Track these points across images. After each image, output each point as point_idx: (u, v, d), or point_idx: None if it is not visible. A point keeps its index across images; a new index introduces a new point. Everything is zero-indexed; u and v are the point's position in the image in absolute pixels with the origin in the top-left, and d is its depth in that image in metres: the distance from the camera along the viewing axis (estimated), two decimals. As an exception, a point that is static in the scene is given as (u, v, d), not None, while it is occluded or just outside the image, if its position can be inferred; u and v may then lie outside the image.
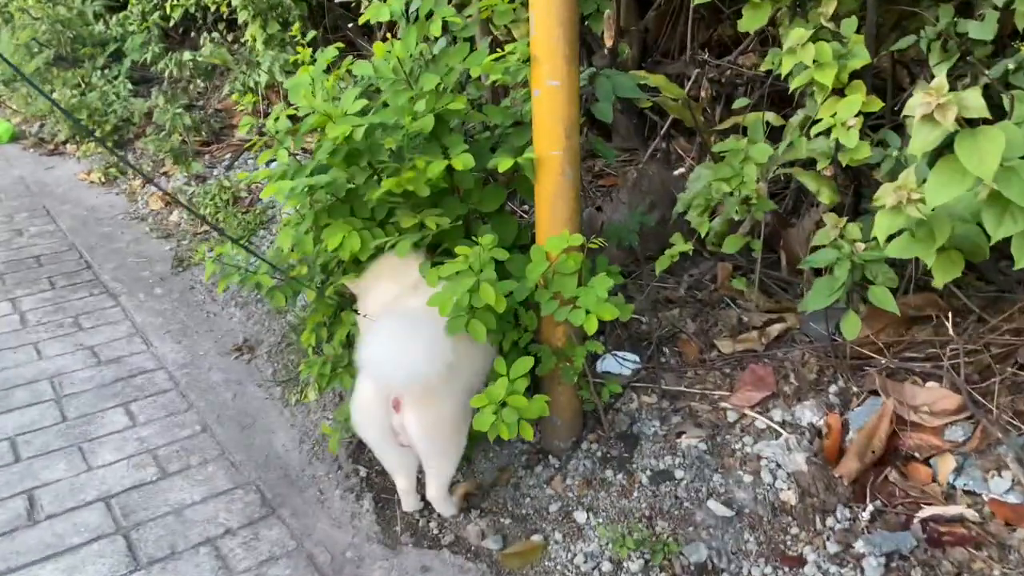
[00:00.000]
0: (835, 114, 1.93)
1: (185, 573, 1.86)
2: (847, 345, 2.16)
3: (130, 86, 5.19)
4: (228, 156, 4.42)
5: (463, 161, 1.85)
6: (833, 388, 2.13)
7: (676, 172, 3.02)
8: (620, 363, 2.26)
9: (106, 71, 5.50)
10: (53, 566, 1.88)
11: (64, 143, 5.15)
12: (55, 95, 5.23)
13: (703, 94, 2.81)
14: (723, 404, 2.14)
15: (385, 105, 1.98)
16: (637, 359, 2.29)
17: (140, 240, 3.80)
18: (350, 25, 4.46)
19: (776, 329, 2.33)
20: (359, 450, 2.23)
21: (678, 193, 2.84)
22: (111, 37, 5.77)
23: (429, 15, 1.99)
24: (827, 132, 1.94)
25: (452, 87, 1.97)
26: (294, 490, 2.13)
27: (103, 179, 4.58)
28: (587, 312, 1.81)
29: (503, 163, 1.87)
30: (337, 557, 1.90)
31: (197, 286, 3.29)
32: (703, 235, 2.23)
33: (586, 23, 2.61)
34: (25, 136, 5.41)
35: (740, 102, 2.25)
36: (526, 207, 2.92)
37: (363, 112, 1.92)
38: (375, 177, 1.98)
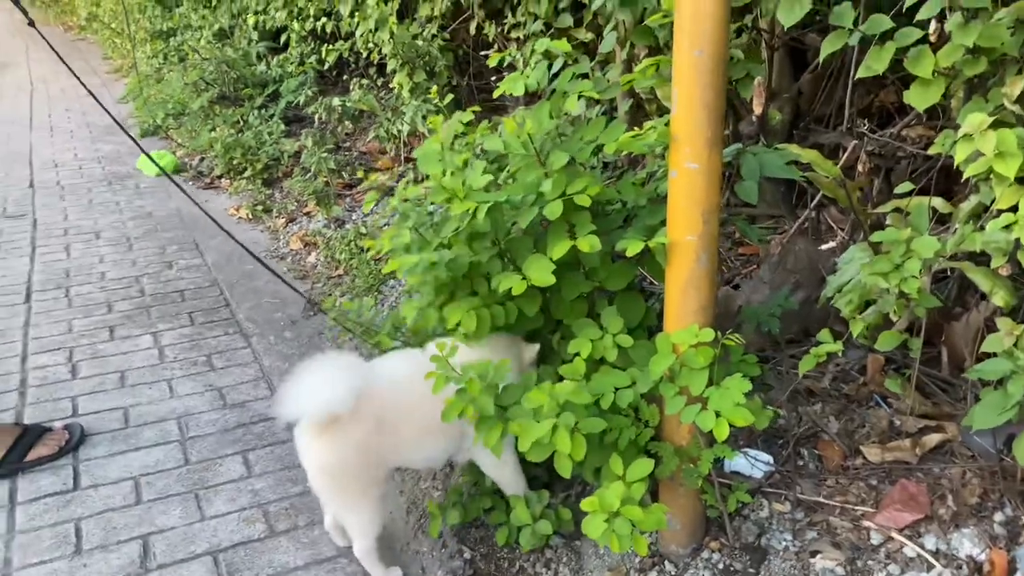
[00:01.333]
0: (1017, 207, 1.70)
1: (280, 647, 1.82)
2: (1019, 468, 1.89)
3: (283, 126, 5.43)
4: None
5: (589, 243, 1.75)
6: (999, 516, 1.87)
7: (826, 246, 2.80)
8: (751, 463, 2.07)
9: (263, 111, 5.79)
10: (156, 622, 1.89)
11: (219, 177, 5.43)
12: (215, 132, 5.54)
13: (860, 167, 2.59)
14: (867, 523, 1.91)
15: (514, 178, 1.91)
16: (770, 460, 2.09)
17: (276, 281, 3.90)
18: (493, 78, 4.48)
19: (933, 439, 2.07)
20: (464, 530, 2.14)
21: (826, 272, 2.62)
22: (270, 78, 6.08)
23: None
24: (1007, 226, 1.71)
25: (586, 162, 1.87)
26: (397, 565, 2.05)
27: (250, 215, 4.78)
28: (717, 415, 1.65)
29: (632, 246, 1.74)
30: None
31: (325, 332, 3.33)
32: (855, 333, 2.02)
33: (733, 85, 2.47)
34: (186, 169, 5.75)
35: (903, 187, 2.03)
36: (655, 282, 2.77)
37: (490, 186, 1.86)
38: (499, 255, 1.90)
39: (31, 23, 2.51)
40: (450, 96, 2.66)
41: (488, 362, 1.79)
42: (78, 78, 2.56)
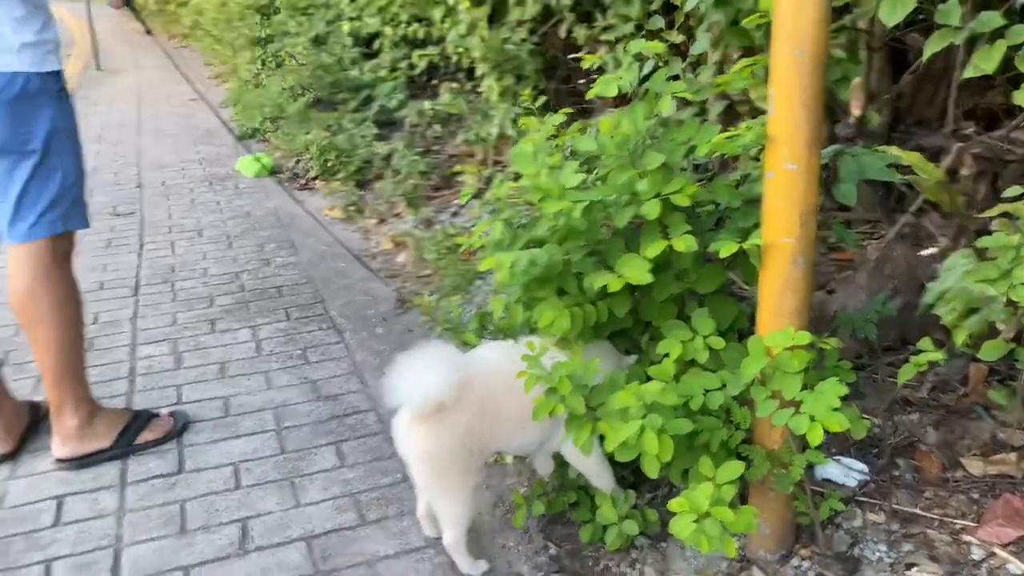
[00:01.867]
0: None
1: (371, 631, 1.88)
2: None
3: (375, 130, 5.58)
4: (456, 203, 4.59)
5: (685, 243, 1.75)
6: (1112, 536, 1.78)
7: (926, 252, 2.71)
8: (845, 472, 2.03)
9: (356, 114, 5.95)
10: (255, 601, 1.98)
11: (314, 179, 5.61)
12: (311, 135, 5.73)
13: (965, 171, 2.50)
14: (967, 537, 1.84)
15: (604, 180, 1.93)
16: (865, 469, 2.04)
17: (369, 279, 4.02)
18: (581, 81, 4.49)
19: (1041, 454, 1.99)
20: (550, 526, 2.16)
21: (925, 279, 2.55)
22: (364, 83, 6.25)
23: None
24: None
25: (677, 164, 1.87)
26: (484, 558, 2.09)
27: (343, 216, 4.92)
28: (811, 419, 1.63)
29: (726, 248, 1.74)
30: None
31: (415, 330, 3.41)
32: (958, 342, 1.95)
33: (830, 87, 2.42)
34: (283, 171, 5.96)
35: (1013, 191, 1.96)
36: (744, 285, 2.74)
37: (582, 186, 1.88)
38: (590, 255, 1.92)
39: (148, 31, 2.65)
40: (542, 99, 2.68)
41: (579, 361, 1.81)
42: (195, 89, 2.69)
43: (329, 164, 5.31)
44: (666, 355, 1.85)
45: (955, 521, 1.89)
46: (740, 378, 1.80)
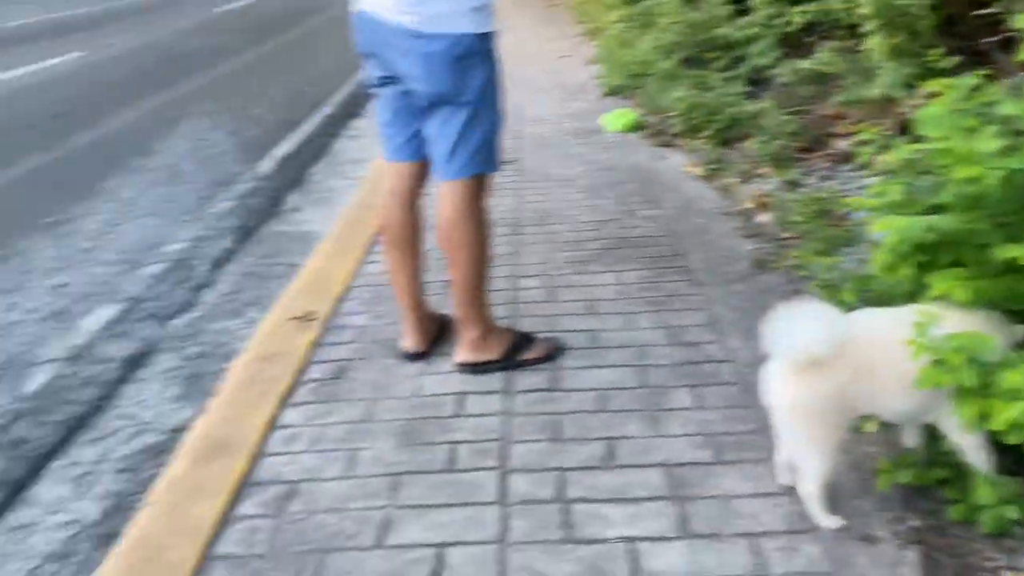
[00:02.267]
0: None
1: (725, 556, 2.02)
2: None
3: (745, 88, 5.55)
4: (825, 166, 4.46)
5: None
6: None
7: None
8: None
9: (725, 73, 5.96)
10: (618, 509, 2.22)
11: (676, 136, 5.76)
12: (678, 93, 5.87)
13: None
14: None
15: (1030, 147, 1.81)
16: None
17: (728, 236, 4.10)
18: (985, 40, 4.07)
19: None
20: (910, 499, 2.13)
21: None
22: (735, 40, 6.22)
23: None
24: None
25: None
26: (837, 516, 2.13)
27: (704, 173, 5.02)
28: None
29: None
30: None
31: (775, 290, 3.43)
32: None
33: None
34: (646, 127, 6.19)
35: None
36: None
37: (1001, 152, 1.79)
38: (1000, 227, 1.83)
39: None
40: (948, 60, 2.53)
41: (974, 333, 1.75)
42: (565, 48, 2.95)
43: (694, 122, 5.42)
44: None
45: None
46: None
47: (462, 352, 3.00)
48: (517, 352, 3.00)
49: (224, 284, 4.38)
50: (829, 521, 2.07)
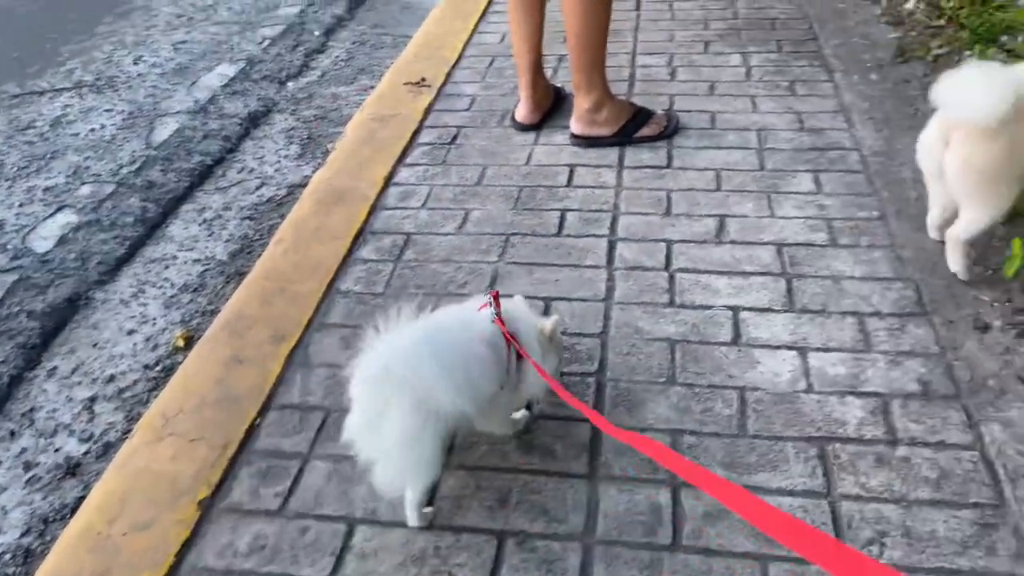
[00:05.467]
0: None
1: (830, 331, 2.03)
2: None
3: None
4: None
5: None
6: None
7: None
8: None
9: None
10: (727, 281, 2.23)
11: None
12: None
13: None
14: None
15: None
16: None
17: (869, 23, 3.77)
18: None
19: None
20: (1037, 292, 2.06)
21: None
22: None
23: None
24: None
25: None
26: (952, 304, 2.09)
27: (849, -46, 4.55)
28: None
29: None
30: (977, 380, 1.86)
31: (913, 80, 3.19)
32: None
33: None
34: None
35: None
36: None
37: None
38: None
39: None
40: None
41: None
42: None
43: None
44: None
45: None
46: None
47: (577, 123, 2.95)
48: (632, 128, 2.94)
49: (337, 50, 4.37)
50: (961, 269, 2.14)
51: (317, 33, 4.57)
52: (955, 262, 2.15)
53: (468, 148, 2.99)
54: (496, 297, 1.63)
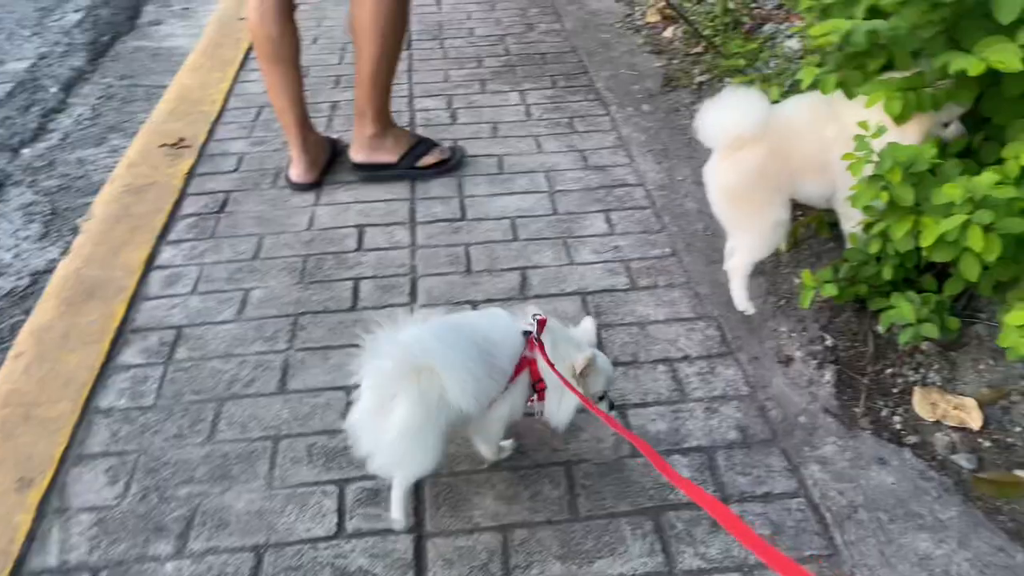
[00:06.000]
0: None
1: (644, 384, 1.98)
2: None
3: None
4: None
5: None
6: None
7: None
8: None
9: None
10: (537, 341, 2.13)
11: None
12: None
13: None
14: None
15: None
16: None
17: (634, 52, 3.88)
18: None
19: None
20: (828, 320, 2.13)
21: None
22: None
23: None
24: None
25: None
26: (754, 339, 2.11)
27: (606, -16, 4.70)
28: None
29: None
30: (789, 418, 1.87)
31: (682, 109, 3.30)
32: None
33: None
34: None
35: None
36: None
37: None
38: (943, 34, 1.71)
39: None
40: None
41: (912, 147, 1.67)
42: None
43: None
44: (1013, 159, 1.66)
45: None
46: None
47: (359, 152, 2.84)
48: (415, 157, 2.86)
49: (79, 108, 3.87)
50: (744, 304, 2.17)
51: (54, 89, 4.04)
52: (737, 297, 2.18)
53: (240, 216, 2.70)
54: (542, 323, 1.62)
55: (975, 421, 1.79)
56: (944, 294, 1.93)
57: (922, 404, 1.85)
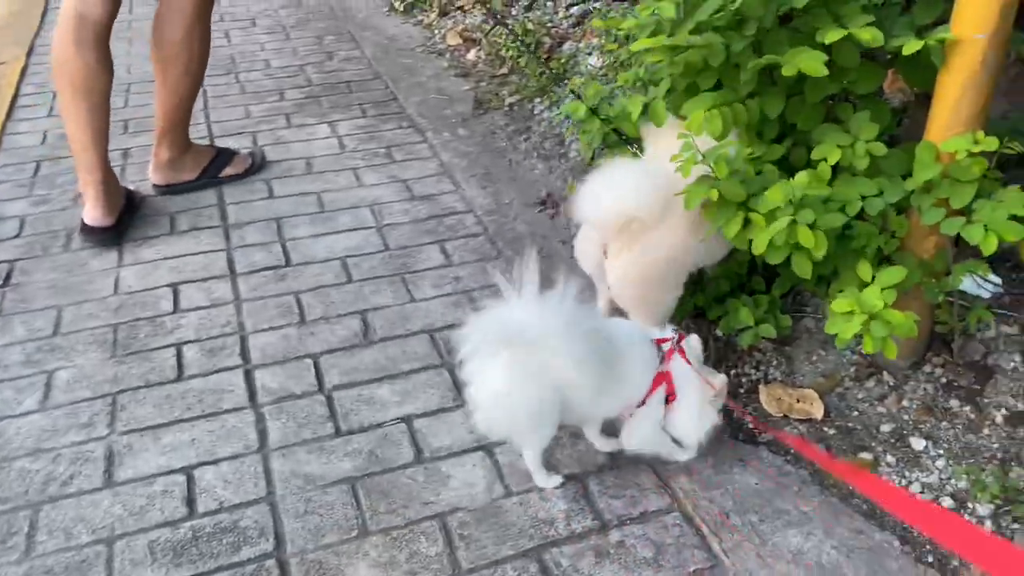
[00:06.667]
0: None
1: (506, 419, 1.94)
2: None
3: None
4: (525, -5, 4.31)
5: (871, 34, 1.62)
6: None
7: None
8: (978, 284, 2.01)
9: None
10: (389, 387, 2.03)
11: (364, -33, 5.25)
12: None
13: None
14: (1105, 350, 1.86)
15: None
16: (1000, 282, 2.03)
17: (440, 76, 3.86)
18: None
19: None
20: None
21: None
22: None
23: None
24: None
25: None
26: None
27: (401, 8, 4.65)
28: (985, 229, 1.58)
29: (911, 45, 1.61)
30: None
31: (498, 131, 3.30)
32: None
33: None
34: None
35: None
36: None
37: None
38: (753, 45, 1.79)
39: None
40: None
41: (733, 143, 1.73)
42: None
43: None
44: (823, 160, 1.77)
45: (1092, 334, 1.90)
46: (899, 186, 1.74)
47: (157, 173, 2.80)
48: (216, 168, 2.86)
49: None
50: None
51: None
52: None
53: (31, 288, 2.39)
54: (681, 339, 1.66)
55: (818, 411, 1.89)
56: (774, 293, 2.04)
57: (768, 400, 1.94)
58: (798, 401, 1.92)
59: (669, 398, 1.68)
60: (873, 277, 1.67)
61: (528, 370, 1.53)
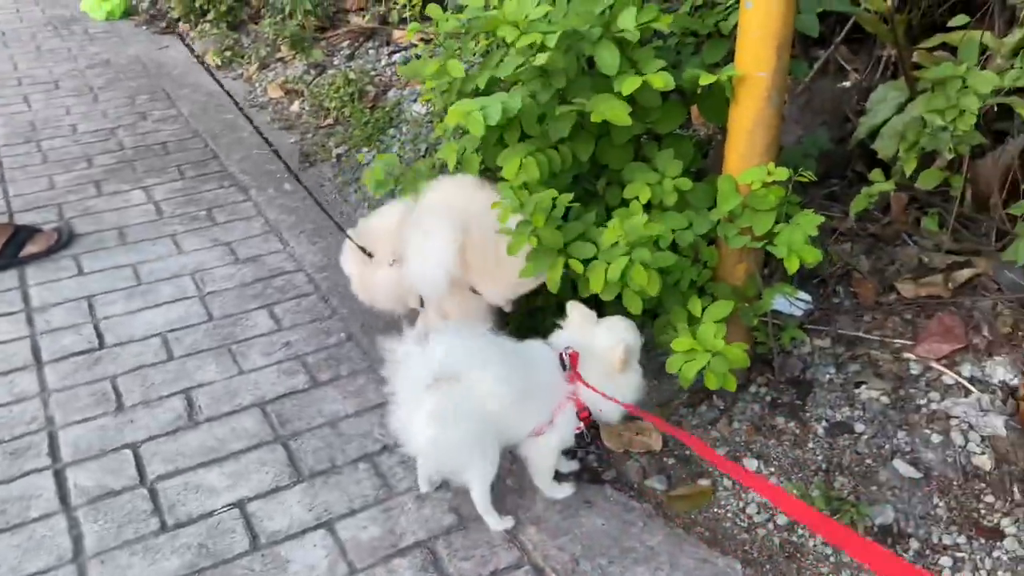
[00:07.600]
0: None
1: (348, 489, 1.85)
2: (1051, 298, 1.98)
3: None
4: (346, 44, 4.26)
5: (663, 80, 1.68)
6: (1029, 344, 1.97)
7: (842, 85, 2.77)
8: (791, 302, 2.12)
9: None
10: (219, 470, 1.90)
11: (178, 21, 5.05)
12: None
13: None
14: (906, 354, 1.99)
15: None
16: (809, 299, 2.14)
17: (263, 130, 3.73)
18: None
19: (964, 274, 2.14)
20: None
21: (847, 109, 2.61)
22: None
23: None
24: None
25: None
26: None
27: (220, 62, 4.50)
28: (788, 250, 1.67)
29: (706, 78, 1.69)
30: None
31: (327, 184, 3.23)
32: (908, 174, 2.02)
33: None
34: (138, 12, 5.34)
35: (960, 19, 1.98)
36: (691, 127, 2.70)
37: (546, 19, 1.75)
38: (558, 95, 1.82)
39: None
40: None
41: (551, 192, 1.74)
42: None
43: (197, 3, 4.78)
44: (635, 199, 1.82)
45: (894, 341, 2.04)
46: (706, 217, 1.82)
47: None
48: (16, 247, 2.66)
49: None
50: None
51: None
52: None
53: None
54: (575, 358, 1.66)
55: (656, 443, 1.92)
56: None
57: (609, 437, 1.95)
58: (637, 434, 1.94)
59: (581, 414, 1.69)
60: (703, 310, 1.73)
61: (458, 407, 1.57)
